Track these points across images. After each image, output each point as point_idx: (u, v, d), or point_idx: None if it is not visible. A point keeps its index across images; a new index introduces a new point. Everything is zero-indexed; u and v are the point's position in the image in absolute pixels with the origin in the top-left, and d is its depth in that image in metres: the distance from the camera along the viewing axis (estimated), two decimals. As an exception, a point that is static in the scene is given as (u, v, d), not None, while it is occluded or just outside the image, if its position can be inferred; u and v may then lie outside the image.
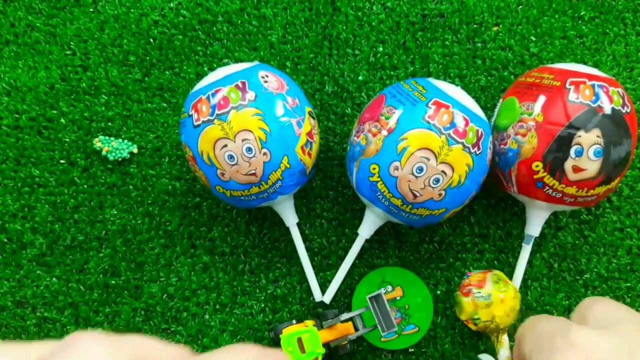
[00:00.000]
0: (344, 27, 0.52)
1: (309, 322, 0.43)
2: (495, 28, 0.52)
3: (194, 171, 0.44)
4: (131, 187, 0.50)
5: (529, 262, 0.49)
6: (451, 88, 0.42)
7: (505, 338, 0.41)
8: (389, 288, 0.48)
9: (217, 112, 0.40)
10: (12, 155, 0.51)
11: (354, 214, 0.50)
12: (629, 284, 0.48)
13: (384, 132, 0.40)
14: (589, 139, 0.39)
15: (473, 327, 0.41)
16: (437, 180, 0.39)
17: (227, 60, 0.52)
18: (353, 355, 0.48)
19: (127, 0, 0.53)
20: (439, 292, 0.48)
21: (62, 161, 0.51)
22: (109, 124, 0.51)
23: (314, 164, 0.44)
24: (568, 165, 0.40)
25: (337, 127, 0.51)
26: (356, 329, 0.45)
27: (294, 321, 0.43)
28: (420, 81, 0.42)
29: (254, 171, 0.41)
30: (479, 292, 0.40)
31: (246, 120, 0.40)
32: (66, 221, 0.50)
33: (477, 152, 0.40)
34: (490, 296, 0.40)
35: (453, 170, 0.39)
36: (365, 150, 0.41)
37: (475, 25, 0.52)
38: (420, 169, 0.39)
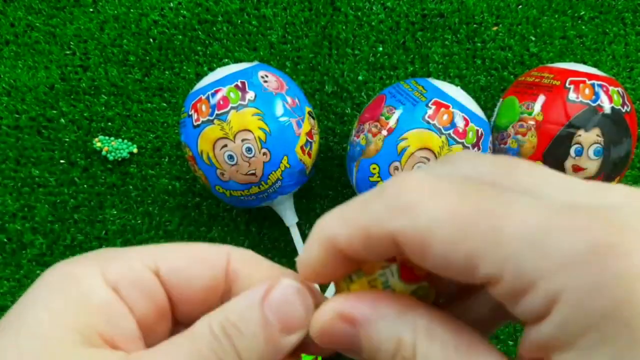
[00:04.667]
0: (344, 27, 0.52)
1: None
2: (495, 28, 0.52)
3: (194, 171, 0.44)
4: (131, 187, 0.50)
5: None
6: (451, 88, 0.42)
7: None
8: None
9: (216, 112, 0.40)
10: (12, 155, 0.51)
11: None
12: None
13: (384, 132, 0.40)
14: (589, 138, 0.39)
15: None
16: (437, 180, 0.39)
17: (227, 60, 0.52)
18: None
19: (127, 0, 0.53)
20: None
21: (62, 161, 0.51)
22: (109, 124, 0.51)
23: (313, 163, 0.44)
24: (568, 164, 0.40)
25: (337, 127, 0.51)
26: None
27: None
28: (420, 81, 0.42)
29: (253, 171, 0.41)
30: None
31: (246, 120, 0.40)
32: (66, 221, 0.50)
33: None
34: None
35: (453, 170, 0.39)
36: (365, 151, 0.41)
37: (475, 25, 0.52)
38: (420, 169, 0.39)
